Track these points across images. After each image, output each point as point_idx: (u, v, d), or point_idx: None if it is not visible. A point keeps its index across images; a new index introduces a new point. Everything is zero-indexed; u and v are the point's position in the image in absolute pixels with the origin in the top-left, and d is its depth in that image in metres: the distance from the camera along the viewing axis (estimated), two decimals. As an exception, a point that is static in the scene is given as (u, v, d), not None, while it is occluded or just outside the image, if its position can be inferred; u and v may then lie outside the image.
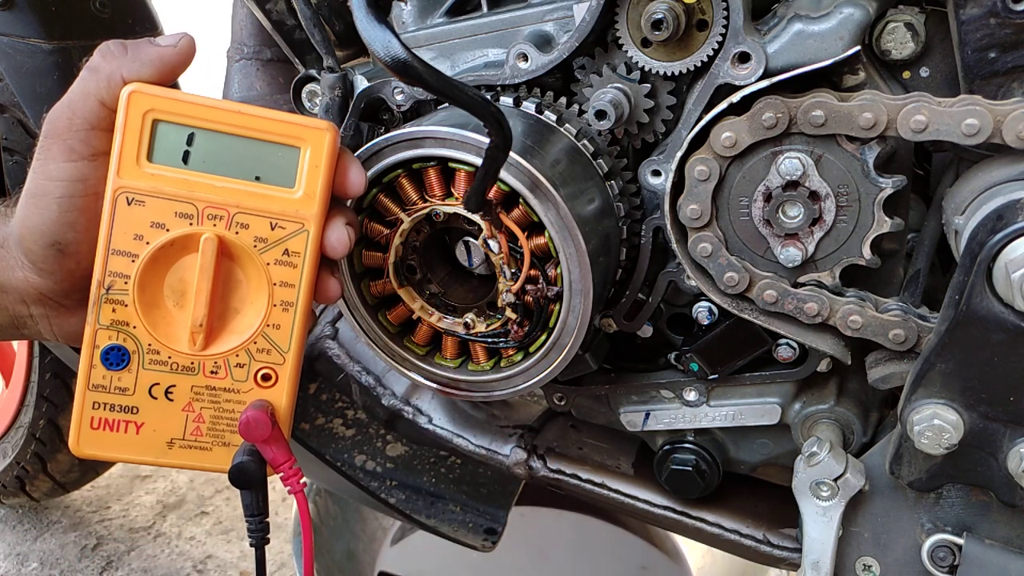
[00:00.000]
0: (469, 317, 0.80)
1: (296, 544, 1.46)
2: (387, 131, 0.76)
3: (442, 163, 0.73)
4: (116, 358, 0.65)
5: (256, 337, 0.66)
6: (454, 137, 0.71)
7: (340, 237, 0.66)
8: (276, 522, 2.14)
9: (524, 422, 1.05)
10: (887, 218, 0.72)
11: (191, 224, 0.64)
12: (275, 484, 0.68)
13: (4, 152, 1.57)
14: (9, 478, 2.02)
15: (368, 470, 1.17)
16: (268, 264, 0.65)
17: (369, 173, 0.74)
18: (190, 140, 0.63)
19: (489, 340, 0.79)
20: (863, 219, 0.73)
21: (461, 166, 0.72)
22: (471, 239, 0.79)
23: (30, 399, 1.91)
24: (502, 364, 0.79)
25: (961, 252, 0.66)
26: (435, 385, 0.82)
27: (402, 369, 0.83)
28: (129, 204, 0.63)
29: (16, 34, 1.27)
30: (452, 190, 0.74)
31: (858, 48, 0.70)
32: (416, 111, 0.86)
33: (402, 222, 0.76)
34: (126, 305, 0.64)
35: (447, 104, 0.82)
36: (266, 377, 0.67)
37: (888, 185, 0.71)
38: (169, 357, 0.66)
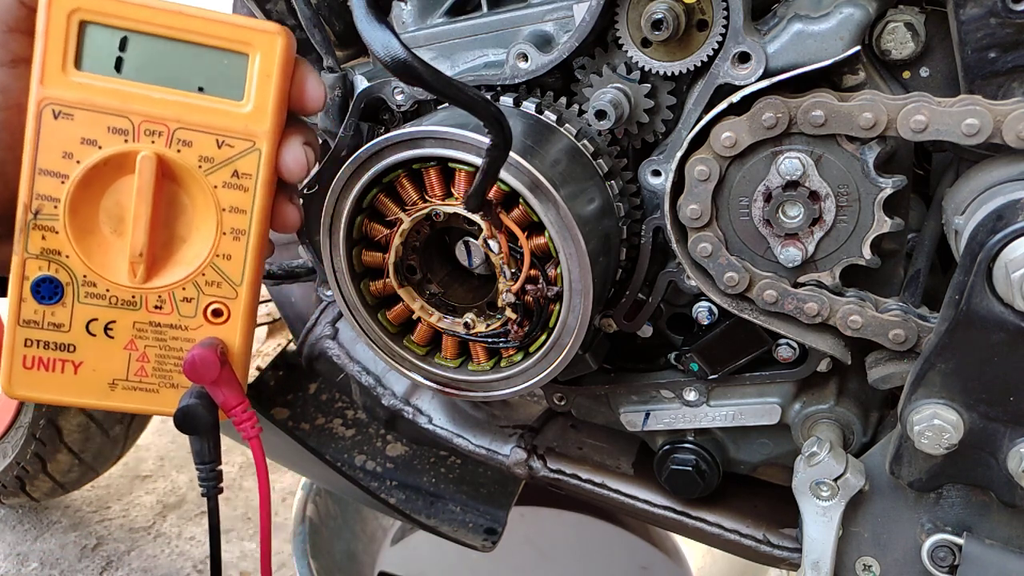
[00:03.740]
0: (469, 317, 0.80)
1: (296, 544, 1.47)
2: (387, 131, 0.76)
3: (442, 163, 0.73)
4: (48, 291, 0.59)
5: (204, 268, 0.61)
6: (454, 137, 0.71)
7: (296, 157, 0.60)
8: (276, 522, 2.14)
9: (524, 422, 1.05)
10: (887, 218, 0.72)
11: (126, 141, 0.58)
12: (275, 484, 0.66)
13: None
14: (9, 478, 2.02)
15: (368, 470, 1.17)
16: (216, 187, 0.59)
17: (369, 173, 0.74)
18: (123, 45, 0.57)
19: (489, 340, 0.79)
20: (863, 219, 0.73)
21: (461, 166, 0.72)
22: (471, 239, 0.79)
23: (30, 399, 1.91)
24: (502, 364, 0.79)
25: (961, 252, 0.66)
26: (435, 385, 0.82)
27: (402, 369, 0.83)
28: (56, 118, 0.56)
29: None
30: (452, 190, 0.74)
31: (858, 48, 0.70)
32: (416, 111, 0.86)
33: (402, 222, 0.76)
34: (57, 232, 0.58)
35: (447, 104, 0.82)
36: (217, 313, 0.62)
37: (888, 185, 0.71)
38: (107, 290, 0.60)
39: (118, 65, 0.57)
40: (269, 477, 0.64)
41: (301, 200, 0.71)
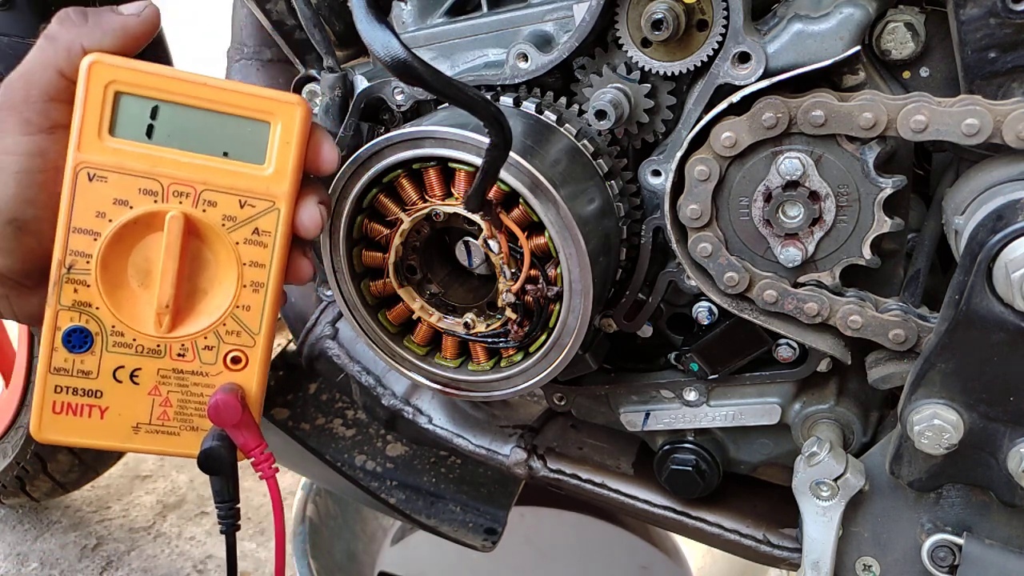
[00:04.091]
0: (469, 317, 0.80)
1: (296, 544, 1.47)
2: (387, 131, 0.76)
3: (442, 163, 0.73)
4: (78, 340, 0.63)
5: (225, 319, 0.64)
6: (454, 137, 0.71)
7: (312, 216, 0.64)
8: (276, 522, 2.13)
9: (524, 422, 1.05)
10: (887, 218, 0.72)
11: (156, 201, 0.62)
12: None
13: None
14: (9, 478, 2.02)
15: (368, 470, 1.17)
16: (237, 243, 0.63)
17: (369, 173, 0.74)
18: (154, 113, 0.61)
19: (489, 340, 0.79)
20: (863, 219, 0.73)
21: (461, 166, 0.72)
22: (471, 239, 0.79)
23: (30, 399, 1.91)
24: (502, 364, 0.79)
25: (961, 252, 0.66)
26: (435, 385, 0.82)
27: (402, 369, 0.83)
28: (91, 180, 0.61)
29: (16, 34, 1.27)
30: (452, 190, 0.74)
31: (858, 48, 0.70)
32: (416, 111, 0.86)
33: (402, 222, 0.76)
34: (88, 285, 0.62)
35: (447, 104, 0.82)
36: (236, 360, 0.65)
37: (888, 185, 0.71)
38: (134, 339, 0.64)
39: (149, 132, 0.61)
40: (284, 514, 0.67)
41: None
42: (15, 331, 2.15)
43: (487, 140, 0.64)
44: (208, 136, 0.62)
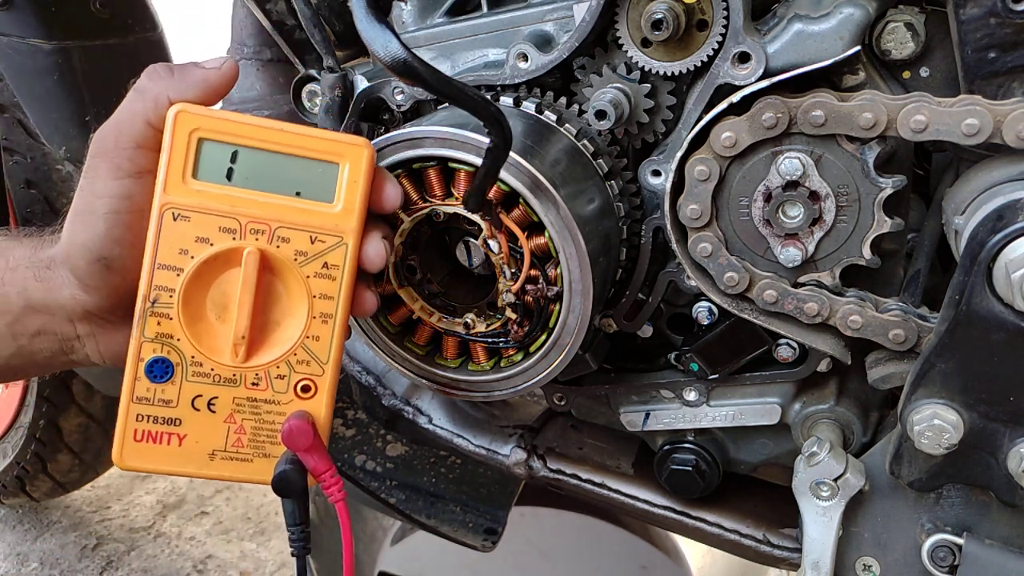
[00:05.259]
0: (469, 317, 0.80)
1: (296, 544, 1.46)
2: (387, 131, 0.76)
3: (442, 163, 0.73)
4: (160, 370, 0.66)
5: (296, 349, 0.67)
6: (454, 137, 0.71)
7: (377, 250, 0.68)
8: (277, 523, 2.14)
9: (524, 422, 1.05)
10: (887, 218, 0.72)
11: (234, 239, 0.65)
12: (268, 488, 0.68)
13: (4, 152, 1.57)
14: (9, 478, 2.02)
15: (368, 470, 1.17)
16: (308, 277, 0.66)
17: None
18: (234, 158, 0.65)
19: (489, 340, 0.79)
20: (863, 219, 0.73)
21: (461, 166, 0.72)
22: (471, 239, 0.79)
23: (30, 399, 1.92)
24: (502, 364, 0.79)
25: (961, 252, 0.66)
26: (435, 385, 0.82)
27: (402, 369, 0.83)
28: (175, 220, 0.65)
29: (16, 34, 1.27)
30: (452, 190, 0.74)
31: (858, 48, 0.70)
32: (416, 111, 0.86)
33: (402, 222, 0.76)
34: (170, 318, 0.65)
35: (447, 104, 0.82)
36: (305, 388, 0.68)
37: (888, 185, 0.71)
38: (212, 369, 0.67)
39: (229, 175, 0.65)
40: (348, 528, 0.68)
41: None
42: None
43: (487, 140, 0.64)
44: (282, 178, 0.66)
